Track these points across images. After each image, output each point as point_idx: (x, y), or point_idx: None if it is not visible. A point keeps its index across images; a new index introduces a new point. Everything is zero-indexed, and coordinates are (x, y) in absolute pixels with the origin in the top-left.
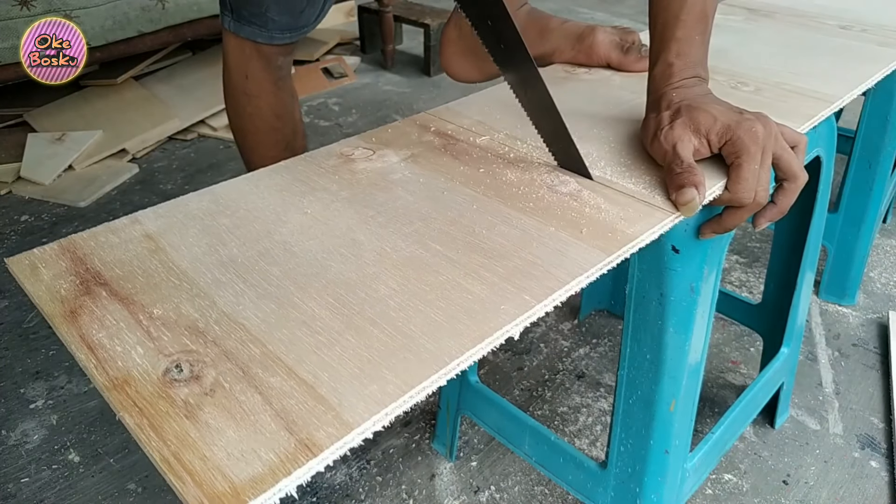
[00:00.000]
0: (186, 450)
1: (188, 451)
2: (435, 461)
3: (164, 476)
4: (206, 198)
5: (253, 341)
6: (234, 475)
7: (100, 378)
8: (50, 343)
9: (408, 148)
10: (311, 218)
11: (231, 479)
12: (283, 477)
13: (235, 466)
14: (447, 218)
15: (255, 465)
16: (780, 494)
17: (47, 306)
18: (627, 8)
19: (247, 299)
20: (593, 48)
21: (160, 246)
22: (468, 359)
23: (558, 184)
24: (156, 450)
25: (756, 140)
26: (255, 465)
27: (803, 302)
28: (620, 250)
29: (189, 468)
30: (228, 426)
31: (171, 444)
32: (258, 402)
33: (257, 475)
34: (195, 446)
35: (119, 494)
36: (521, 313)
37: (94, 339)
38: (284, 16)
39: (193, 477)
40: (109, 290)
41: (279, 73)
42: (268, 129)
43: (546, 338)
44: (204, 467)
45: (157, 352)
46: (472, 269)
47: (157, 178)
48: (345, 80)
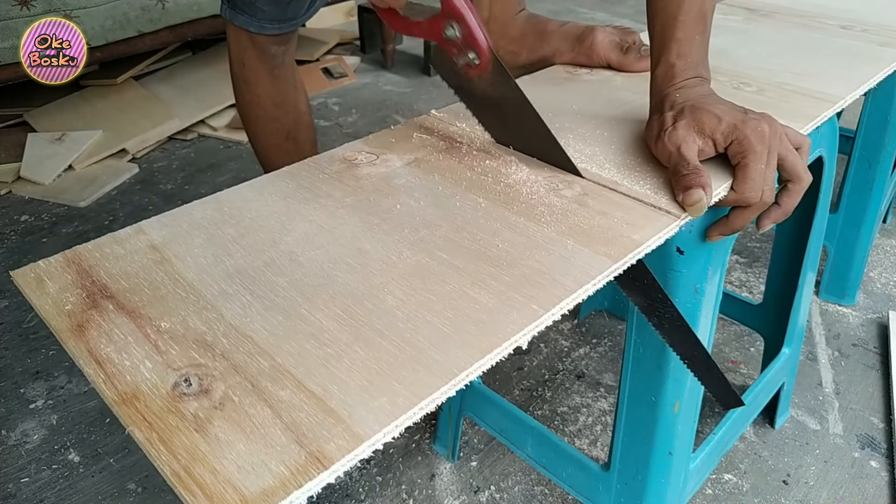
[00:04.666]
0: (197, 463)
1: (198, 465)
2: (435, 461)
3: (175, 490)
4: (210, 206)
5: (261, 354)
6: (244, 488)
7: (109, 393)
8: (50, 343)
9: (411, 152)
10: (316, 226)
11: (242, 492)
12: (295, 489)
13: (246, 479)
14: (452, 225)
15: (266, 477)
16: (780, 494)
17: (54, 320)
18: (628, 8)
19: (254, 311)
20: (593, 49)
21: (165, 257)
22: (477, 369)
23: (563, 187)
24: (166, 464)
25: (762, 139)
26: (265, 478)
27: (804, 302)
28: (627, 257)
29: (200, 482)
30: (238, 439)
31: (182, 457)
32: (268, 415)
33: (268, 488)
34: (205, 460)
35: (119, 494)
36: (528, 322)
37: (102, 353)
38: (272, 7)
39: (204, 490)
40: (116, 303)
41: (273, 61)
42: (267, 117)
43: (546, 338)
44: (214, 481)
45: (166, 366)
46: (478, 277)
47: (157, 178)
48: (345, 80)
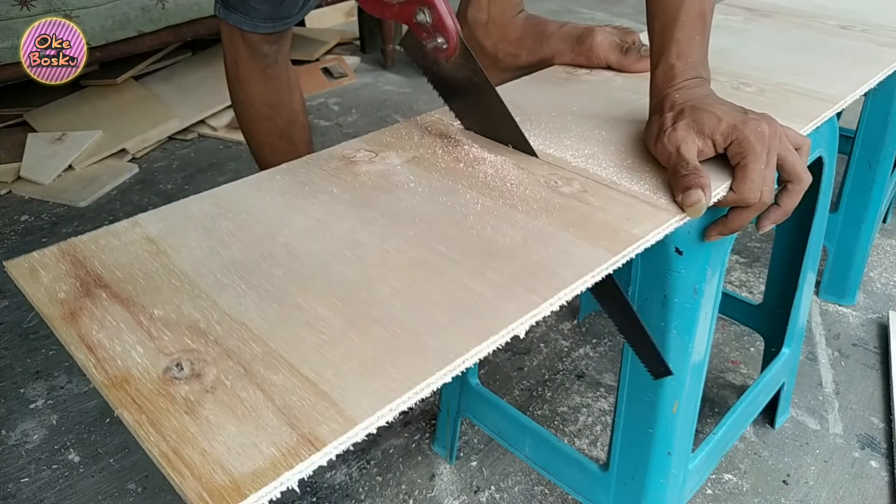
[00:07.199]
0: (186, 444)
1: (187, 446)
2: (435, 461)
3: (163, 470)
4: (207, 201)
5: (255, 340)
6: (234, 469)
7: (99, 376)
8: (50, 343)
9: (410, 150)
10: (314, 220)
11: (231, 473)
12: (285, 470)
13: (236, 460)
14: (451, 220)
15: (256, 458)
16: (780, 494)
17: (46, 308)
18: (627, 8)
19: (249, 300)
20: (592, 50)
21: (161, 249)
22: (474, 356)
23: (562, 184)
24: (154, 445)
25: (762, 140)
26: (255, 459)
27: (805, 302)
28: (626, 250)
29: (188, 462)
30: (229, 422)
31: (171, 439)
32: (260, 398)
33: (258, 469)
34: (195, 441)
35: (119, 494)
36: (526, 312)
37: (93, 339)
38: (265, 5)
39: (192, 471)
40: (110, 292)
41: (266, 60)
42: (260, 116)
43: (546, 338)
44: (203, 461)
45: (158, 351)
46: (477, 269)
47: (157, 177)
48: (345, 80)
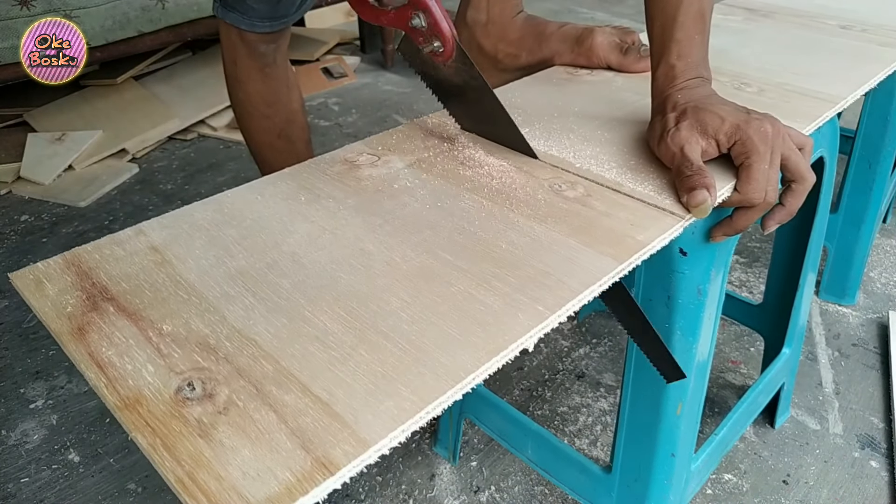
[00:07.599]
0: (201, 469)
1: (203, 471)
2: (435, 461)
3: (179, 496)
4: (210, 207)
5: (265, 357)
6: (250, 495)
7: (111, 398)
8: (50, 343)
9: (413, 153)
10: (319, 227)
11: (247, 499)
12: (300, 496)
13: (251, 486)
14: (455, 226)
15: (272, 484)
16: (780, 494)
17: (54, 323)
18: (627, 8)
19: (257, 314)
20: (592, 50)
21: (166, 258)
22: (484, 372)
23: (566, 188)
24: (170, 470)
25: (766, 140)
26: (271, 485)
27: (805, 302)
28: (632, 258)
29: (204, 488)
30: (243, 445)
31: (186, 463)
32: (273, 420)
33: (274, 495)
34: (210, 466)
35: (119, 494)
36: (535, 325)
37: (103, 357)
38: (262, 4)
39: (209, 497)
40: (117, 306)
41: (264, 60)
42: (259, 115)
43: (546, 338)
44: (219, 487)
45: (169, 370)
46: (483, 279)
47: (157, 177)
48: (345, 80)
